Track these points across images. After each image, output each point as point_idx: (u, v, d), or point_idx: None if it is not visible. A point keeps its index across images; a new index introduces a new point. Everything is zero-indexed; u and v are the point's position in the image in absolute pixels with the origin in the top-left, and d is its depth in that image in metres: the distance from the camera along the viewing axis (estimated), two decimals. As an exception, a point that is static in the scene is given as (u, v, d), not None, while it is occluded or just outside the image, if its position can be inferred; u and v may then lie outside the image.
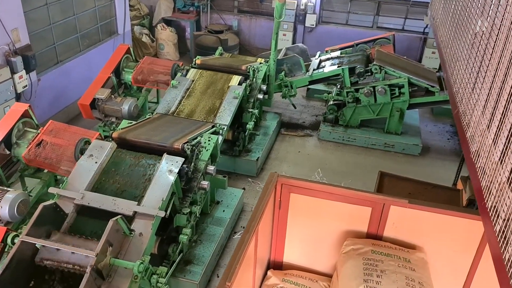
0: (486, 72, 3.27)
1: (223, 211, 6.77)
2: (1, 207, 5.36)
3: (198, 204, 5.93)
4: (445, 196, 4.48)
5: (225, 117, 7.16)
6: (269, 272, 4.21)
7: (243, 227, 6.98)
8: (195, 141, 6.04)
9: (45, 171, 6.35)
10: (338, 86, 9.73)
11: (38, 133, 6.22)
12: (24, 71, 7.75)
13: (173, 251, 5.46)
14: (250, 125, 7.89)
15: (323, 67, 9.70)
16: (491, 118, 2.96)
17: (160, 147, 5.71)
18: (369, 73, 9.12)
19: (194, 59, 8.55)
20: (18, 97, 7.93)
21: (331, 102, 9.79)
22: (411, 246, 3.90)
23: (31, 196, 6.11)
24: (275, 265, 4.37)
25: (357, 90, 9.22)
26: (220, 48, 9.94)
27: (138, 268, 4.35)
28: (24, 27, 7.87)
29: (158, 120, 6.86)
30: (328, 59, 10.06)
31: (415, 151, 9.26)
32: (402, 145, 9.31)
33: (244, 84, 7.80)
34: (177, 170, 5.28)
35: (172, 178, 5.20)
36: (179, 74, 8.12)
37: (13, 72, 7.52)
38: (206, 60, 8.67)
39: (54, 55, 9.06)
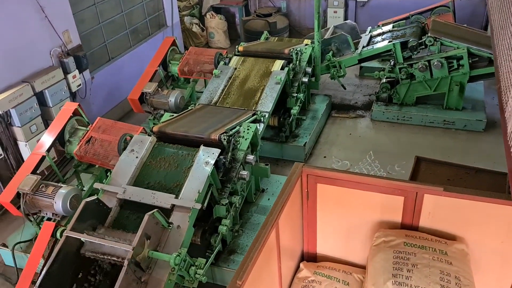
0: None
1: (268, 199, 6.71)
2: (55, 202, 5.71)
3: (240, 194, 5.92)
4: (490, 181, 4.04)
5: (267, 104, 7.05)
6: (301, 265, 4.10)
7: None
8: (234, 130, 6.00)
9: (97, 166, 6.65)
10: (391, 63, 9.20)
11: (88, 130, 6.51)
12: (77, 70, 8.13)
13: (215, 242, 5.49)
14: (294, 110, 7.71)
15: (374, 43, 9.21)
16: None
17: (198, 138, 5.75)
18: (423, 46, 8.52)
19: (237, 46, 8.48)
20: (74, 96, 8.36)
21: (384, 80, 9.30)
22: (451, 236, 3.59)
23: (84, 190, 6.45)
24: (309, 257, 4.25)
25: (411, 66, 8.67)
26: (265, 32, 9.80)
27: (175, 261, 4.42)
28: (74, 28, 8.24)
29: (199, 111, 6.91)
30: (379, 34, 9.53)
31: (478, 127, 8.56)
32: (463, 122, 8.65)
33: (286, 69, 7.61)
34: (213, 162, 5.29)
35: (208, 169, 5.22)
36: (221, 62, 8.10)
37: (66, 72, 7.92)
38: (249, 46, 8.57)
39: (106, 52, 9.43)
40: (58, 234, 5.07)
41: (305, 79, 8.11)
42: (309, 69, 8.28)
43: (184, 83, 9.06)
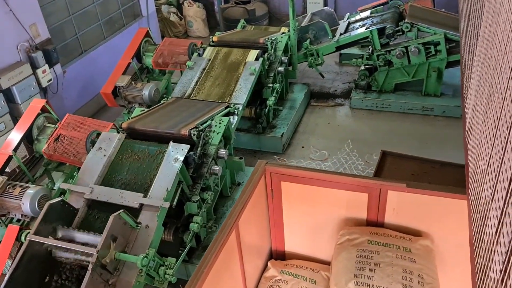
0: (478, 31, 2.79)
1: (244, 192, 6.62)
2: (23, 203, 5.56)
3: (213, 189, 5.83)
4: (454, 175, 3.97)
5: (241, 96, 6.92)
6: (268, 264, 4.02)
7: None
8: (205, 125, 5.88)
9: (67, 164, 6.50)
10: (369, 49, 9.09)
11: (56, 128, 6.34)
12: (46, 65, 7.91)
13: (188, 239, 5.39)
14: (270, 101, 7.58)
15: (351, 30, 9.08)
16: (476, 88, 2.52)
17: (168, 134, 5.61)
18: (401, 32, 8.42)
19: (211, 36, 8.30)
20: (45, 91, 8.15)
21: (362, 67, 9.21)
22: (416, 232, 3.53)
23: (55, 190, 6.30)
24: (277, 255, 4.18)
25: (388, 52, 8.57)
26: (242, 21, 9.61)
27: (142, 262, 4.33)
28: (42, 21, 7.98)
29: (172, 104, 6.76)
30: (357, 21, 9.39)
31: (456, 113, 8.50)
32: (442, 108, 8.60)
33: (261, 59, 7.46)
34: (182, 158, 5.16)
35: (177, 166, 5.10)
36: (195, 54, 7.92)
37: (35, 67, 7.69)
38: (224, 36, 8.40)
39: (78, 45, 9.18)
40: (23, 238, 4.93)
41: (281, 69, 7.97)
42: (285, 58, 8.14)
43: (159, 75, 8.87)
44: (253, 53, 7.62)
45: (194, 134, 5.46)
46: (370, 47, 9.15)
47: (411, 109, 8.77)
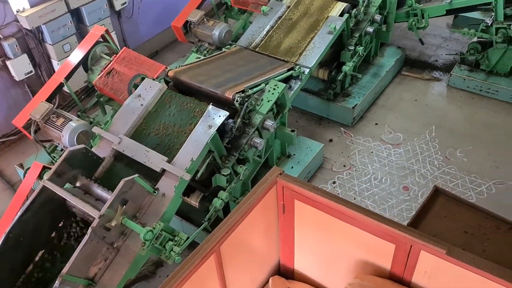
0: None
1: (292, 167, 5.95)
2: (63, 135, 5.45)
3: (253, 161, 5.26)
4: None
5: (311, 58, 6.00)
6: (271, 280, 3.43)
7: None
8: (257, 88, 5.18)
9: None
10: (490, 19, 7.41)
11: (111, 61, 6.04)
12: (122, -14, 7.53)
13: (209, 214, 4.93)
14: (347, 67, 6.55)
15: (472, -9, 7.40)
16: None
17: (212, 93, 5.03)
18: (536, 5, 6.66)
19: (298, -21, 7.23)
20: (118, 15, 7.85)
21: (475, 40, 7.59)
22: (452, 309, 2.69)
23: (101, 125, 6.14)
24: (286, 271, 3.56)
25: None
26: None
27: (145, 236, 4.00)
28: None
29: (233, 55, 6.08)
30: (483, -20, 7.62)
31: None
32: None
33: (346, 15, 6.35)
34: (217, 126, 4.58)
35: (209, 134, 4.54)
36: (275, -3, 6.99)
37: (108, -12, 7.35)
38: (312, -20, 7.27)
39: (160, -34, 8.64)
40: (45, 177, 4.83)
41: (370, 29, 6.80)
42: (378, 17, 6.91)
43: (238, 13, 8.11)
44: (339, 7, 6.52)
45: (237, 100, 4.80)
46: (492, 15, 7.45)
47: (525, 101, 7.18)
